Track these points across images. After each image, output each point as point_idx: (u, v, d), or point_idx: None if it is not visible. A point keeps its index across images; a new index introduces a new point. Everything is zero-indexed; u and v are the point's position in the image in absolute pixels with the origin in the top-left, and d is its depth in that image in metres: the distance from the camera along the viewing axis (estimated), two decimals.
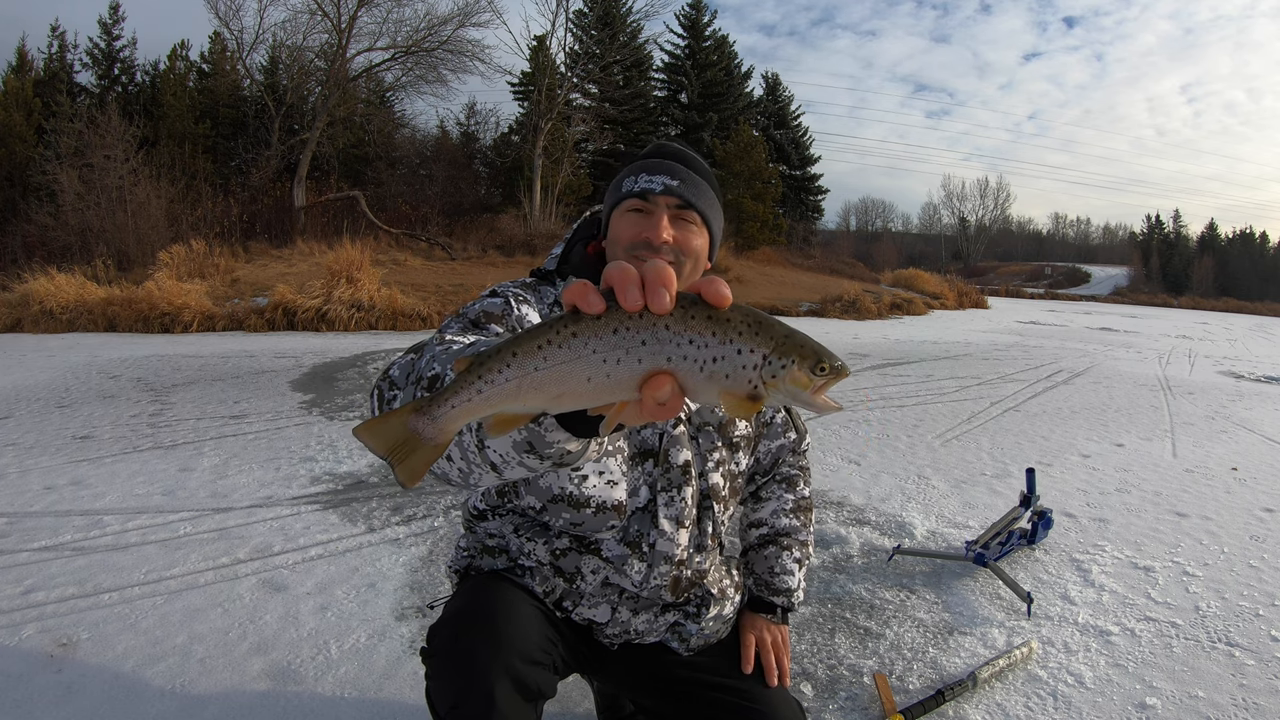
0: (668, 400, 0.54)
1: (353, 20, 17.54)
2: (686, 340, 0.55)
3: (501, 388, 0.58)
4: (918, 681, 1.96)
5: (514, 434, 0.74)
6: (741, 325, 0.55)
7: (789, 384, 0.56)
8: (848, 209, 67.40)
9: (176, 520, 2.90)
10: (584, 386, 0.56)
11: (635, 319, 0.54)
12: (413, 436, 0.62)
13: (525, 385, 0.57)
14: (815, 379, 0.56)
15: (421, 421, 0.62)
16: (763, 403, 0.56)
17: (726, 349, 0.55)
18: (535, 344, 0.56)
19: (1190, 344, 13.94)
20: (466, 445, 0.81)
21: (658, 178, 1.19)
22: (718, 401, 0.57)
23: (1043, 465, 4.17)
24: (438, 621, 1.14)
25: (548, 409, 0.60)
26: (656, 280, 0.53)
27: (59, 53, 20.34)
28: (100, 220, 12.70)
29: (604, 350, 0.55)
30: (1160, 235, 54.48)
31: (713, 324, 0.55)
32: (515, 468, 0.79)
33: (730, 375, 0.55)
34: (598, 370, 0.55)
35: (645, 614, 1.25)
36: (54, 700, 1.75)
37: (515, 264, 15.85)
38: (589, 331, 0.55)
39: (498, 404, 0.59)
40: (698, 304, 0.55)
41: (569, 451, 0.75)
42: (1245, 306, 39.64)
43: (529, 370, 0.56)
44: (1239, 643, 2.21)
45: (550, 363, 0.56)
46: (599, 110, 22.94)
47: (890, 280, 24.50)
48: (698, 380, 0.55)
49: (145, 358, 7.23)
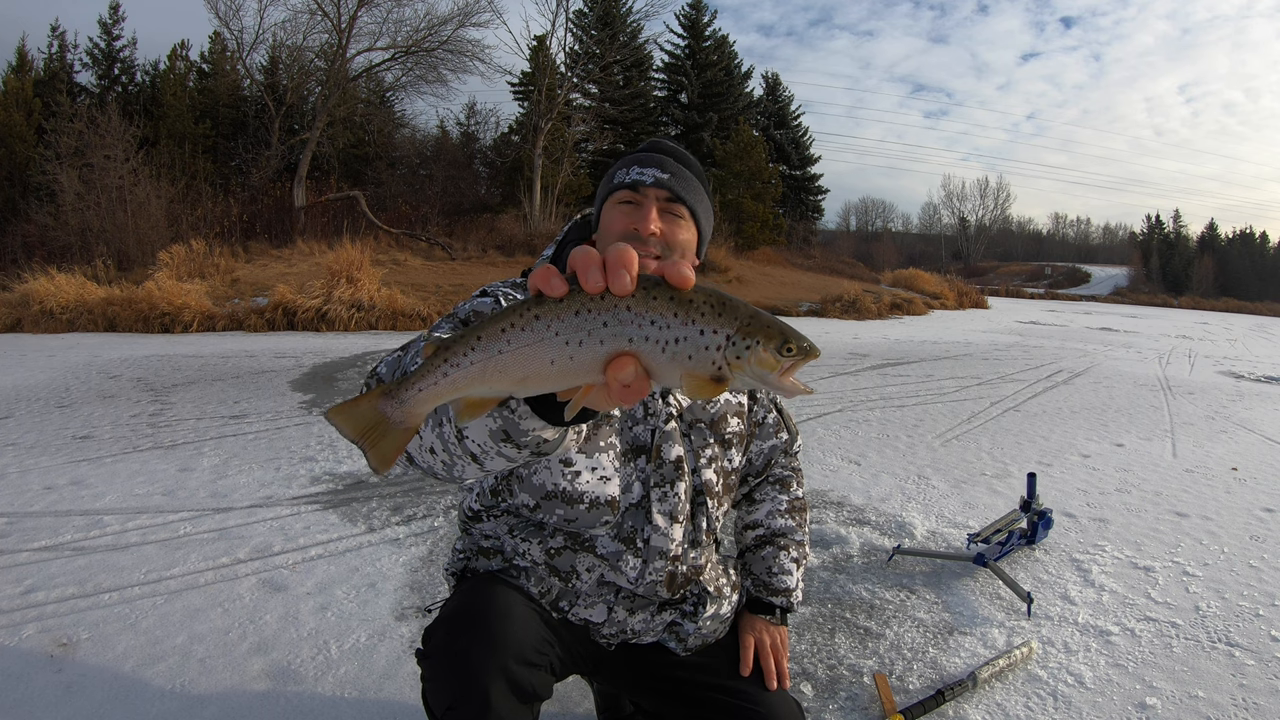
0: (631, 382, 0.54)
1: (353, 20, 17.53)
2: (648, 321, 0.55)
3: (466, 371, 0.58)
4: (918, 681, 1.97)
5: (490, 422, 0.75)
6: (704, 306, 0.55)
7: (755, 365, 0.56)
8: (848, 209, 67.56)
9: (176, 520, 2.90)
10: (548, 369, 0.56)
11: (597, 301, 0.55)
12: (382, 420, 0.64)
13: (490, 369, 0.57)
14: (782, 360, 0.56)
15: (390, 405, 0.63)
16: (727, 385, 0.56)
17: (689, 329, 0.55)
18: (499, 327, 0.57)
19: (1190, 344, 13.94)
20: (447, 436, 0.82)
21: (649, 170, 1.20)
22: (680, 383, 0.56)
23: (1043, 465, 4.17)
24: (433, 623, 1.14)
25: (514, 392, 0.61)
26: (617, 262, 0.53)
27: (59, 53, 20.35)
28: (100, 220, 12.69)
29: (566, 332, 0.55)
30: (1160, 235, 54.45)
31: (675, 305, 0.55)
32: (495, 458, 0.79)
33: (693, 356, 0.55)
34: (560, 352, 0.55)
35: (642, 613, 1.25)
36: (54, 700, 1.75)
37: (515, 264, 15.84)
38: (551, 314, 0.55)
39: (464, 388, 0.60)
40: (660, 285, 0.55)
41: (545, 440, 0.76)
42: (1245, 306, 39.67)
43: (493, 354, 0.57)
44: (1239, 643, 2.21)
45: (514, 345, 0.56)
46: (599, 110, 22.93)
47: (890, 280, 24.50)
48: (660, 361, 0.55)
49: (145, 358, 7.23)
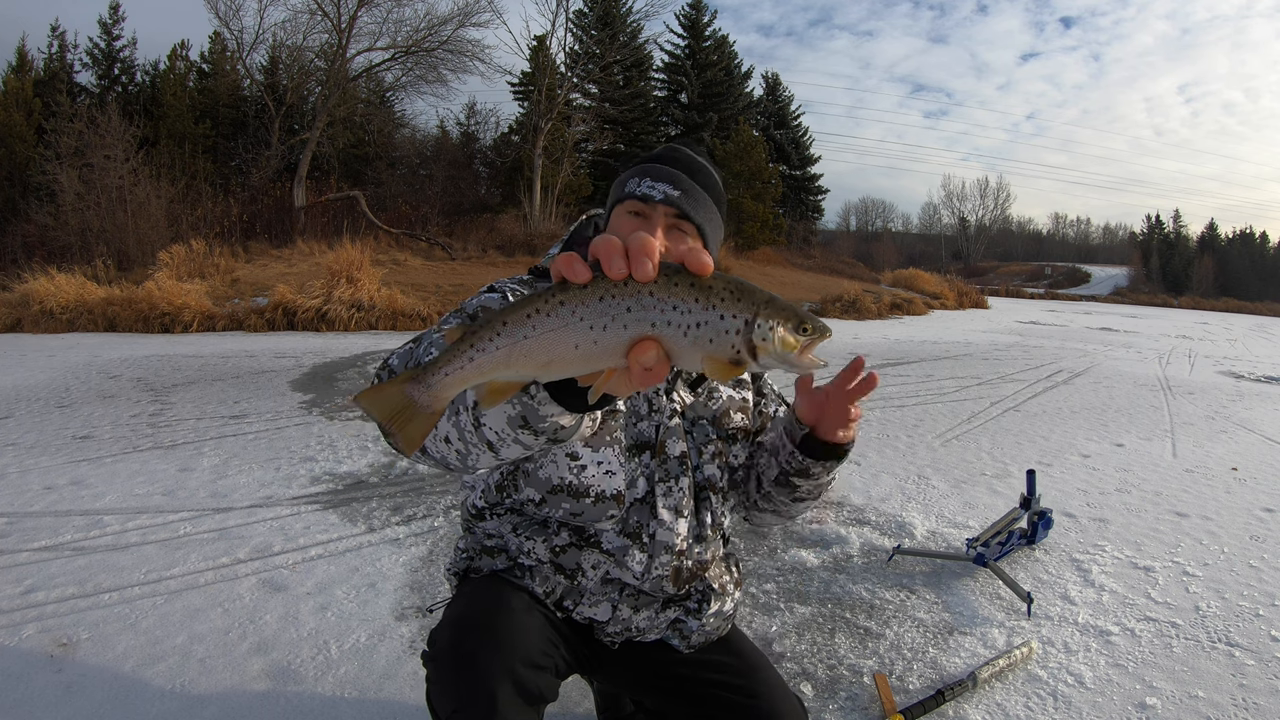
0: (654, 365, 0.56)
1: (353, 20, 17.55)
2: (670, 306, 0.56)
3: (492, 355, 0.60)
4: (918, 681, 1.97)
5: (508, 409, 0.76)
6: (724, 292, 0.57)
7: (778, 346, 0.59)
8: (848, 209, 67.44)
9: (176, 520, 2.90)
10: (572, 353, 0.58)
11: (620, 287, 0.56)
12: (409, 403, 0.65)
13: (515, 353, 0.59)
14: (801, 340, 0.60)
15: (417, 389, 0.64)
16: (745, 368, 0.59)
17: (710, 314, 0.57)
18: (524, 313, 0.58)
19: (1190, 344, 13.94)
20: (464, 425, 0.82)
21: (660, 185, 1.18)
22: (701, 366, 0.59)
23: (1043, 465, 4.17)
24: (439, 625, 1.14)
25: (538, 377, 0.62)
26: (640, 250, 0.55)
27: (59, 53, 20.36)
28: (100, 220, 12.69)
29: (590, 317, 0.57)
30: (1160, 235, 54.43)
31: (696, 290, 0.57)
32: (511, 445, 0.80)
33: (714, 340, 0.57)
34: (585, 337, 0.57)
35: (646, 611, 1.25)
36: (54, 700, 1.75)
37: (515, 264, 15.85)
38: (576, 300, 0.57)
39: (489, 371, 0.61)
40: (681, 272, 0.57)
41: (562, 426, 0.77)
42: (1245, 306, 39.67)
43: (518, 338, 0.58)
44: (1239, 643, 2.21)
45: (539, 331, 0.58)
46: (599, 110, 22.94)
47: (890, 280, 24.50)
48: (682, 345, 0.57)
49: (145, 358, 7.23)
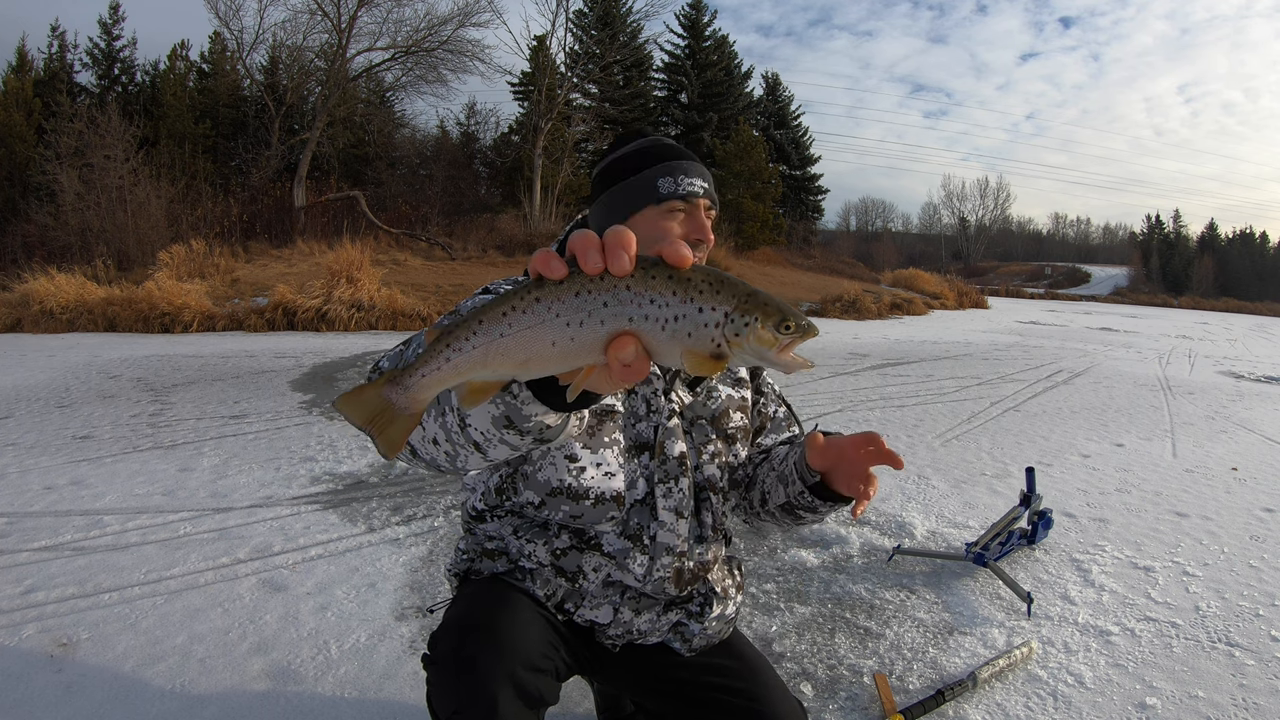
0: (633, 361, 0.55)
1: (353, 20, 17.54)
2: (647, 300, 0.55)
3: (469, 355, 0.59)
4: (918, 681, 1.97)
5: (492, 409, 0.75)
6: (703, 284, 0.56)
7: (754, 342, 0.57)
8: (848, 209, 67.49)
9: (176, 520, 2.90)
10: (549, 350, 0.57)
11: (596, 281, 0.55)
12: (387, 406, 0.65)
13: (492, 352, 0.58)
14: (780, 337, 0.57)
15: (395, 391, 0.64)
16: (727, 362, 0.57)
17: (688, 308, 0.56)
18: (500, 311, 0.57)
19: (1190, 344, 13.94)
20: (450, 426, 0.82)
21: (695, 181, 1.23)
22: (681, 361, 0.57)
23: (1043, 465, 4.17)
24: (439, 628, 1.14)
25: (516, 375, 0.62)
26: (615, 243, 0.54)
27: (59, 53, 20.37)
28: (100, 220, 12.69)
29: (567, 314, 0.56)
30: (1160, 235, 54.45)
31: (673, 283, 0.56)
32: (498, 445, 0.80)
33: (693, 334, 0.56)
34: (561, 334, 0.56)
35: (648, 613, 1.25)
36: (54, 700, 1.75)
37: (515, 264, 15.84)
38: (551, 296, 0.56)
39: (466, 371, 0.60)
40: (658, 265, 0.56)
41: (548, 425, 0.76)
42: (1245, 306, 39.68)
43: (494, 337, 0.57)
44: (1239, 643, 2.21)
45: (515, 328, 0.57)
46: (599, 110, 22.94)
47: (890, 280, 24.50)
48: (660, 339, 0.56)
49: (145, 358, 7.23)
